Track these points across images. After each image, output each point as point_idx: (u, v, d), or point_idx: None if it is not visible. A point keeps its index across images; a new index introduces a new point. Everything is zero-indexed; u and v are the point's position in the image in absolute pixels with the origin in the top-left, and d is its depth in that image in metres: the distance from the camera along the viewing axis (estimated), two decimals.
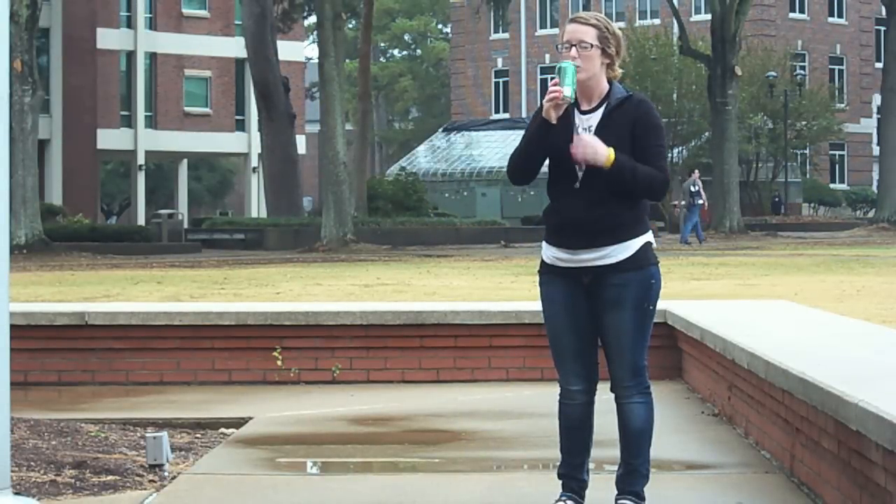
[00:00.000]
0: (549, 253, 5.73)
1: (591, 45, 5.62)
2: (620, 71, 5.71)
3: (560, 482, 5.84)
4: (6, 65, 5.71)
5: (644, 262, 5.64)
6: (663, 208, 52.73)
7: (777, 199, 58.08)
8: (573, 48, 5.62)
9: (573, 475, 5.81)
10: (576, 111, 5.69)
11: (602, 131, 5.62)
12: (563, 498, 5.79)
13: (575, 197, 5.62)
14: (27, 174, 38.75)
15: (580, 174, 5.62)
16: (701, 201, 42.96)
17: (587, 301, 5.67)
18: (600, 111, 5.66)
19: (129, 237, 43.97)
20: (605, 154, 5.53)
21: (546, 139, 5.64)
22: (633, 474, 5.74)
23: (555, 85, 5.54)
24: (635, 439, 5.72)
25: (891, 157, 55.67)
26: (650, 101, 5.74)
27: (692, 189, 43.05)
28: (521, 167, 5.72)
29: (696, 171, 45.67)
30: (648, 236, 5.69)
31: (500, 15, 67.61)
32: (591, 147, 5.55)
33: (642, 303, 5.64)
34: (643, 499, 5.74)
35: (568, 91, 5.53)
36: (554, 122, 5.59)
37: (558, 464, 5.88)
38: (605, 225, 5.59)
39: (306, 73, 73.60)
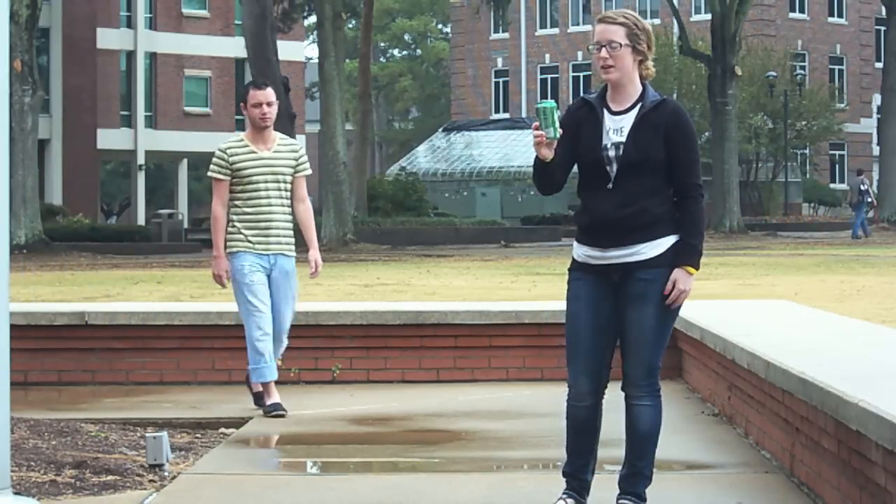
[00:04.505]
0: (580, 251, 5.73)
1: (621, 45, 5.61)
2: (654, 69, 5.70)
3: (563, 480, 5.83)
4: (6, 65, 5.71)
5: (672, 261, 5.65)
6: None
7: None
8: (603, 49, 5.61)
9: (576, 475, 5.81)
10: (606, 113, 5.68)
11: (635, 133, 5.61)
12: (564, 496, 5.78)
13: (606, 197, 5.63)
14: (27, 174, 38.75)
15: (612, 175, 5.63)
16: (870, 199, 46.42)
17: (613, 301, 5.66)
18: (633, 113, 5.65)
19: (129, 237, 43.97)
20: (692, 278, 5.61)
21: (551, 170, 5.66)
22: (636, 476, 5.74)
23: (536, 129, 5.56)
24: (642, 442, 5.72)
25: (891, 157, 55.68)
26: (683, 108, 5.74)
27: (861, 188, 45.84)
28: (542, 184, 5.75)
29: (864, 173, 48.93)
30: (678, 236, 5.69)
31: (500, 15, 67.51)
32: (686, 290, 5.60)
33: (666, 301, 5.64)
34: (644, 500, 5.75)
35: (550, 132, 5.55)
36: (549, 160, 5.60)
37: (563, 462, 5.87)
38: (637, 223, 5.59)
39: (306, 73, 73.57)
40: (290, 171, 8.94)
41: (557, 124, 5.56)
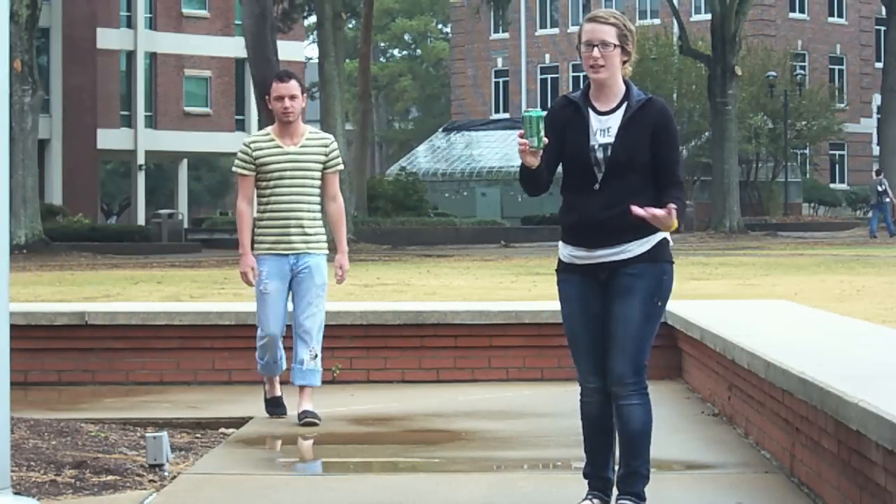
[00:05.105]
0: (566, 252, 5.74)
1: (614, 46, 5.62)
2: (630, 68, 5.71)
3: (586, 482, 5.86)
4: (6, 65, 5.71)
5: (659, 257, 5.66)
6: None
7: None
8: (594, 49, 5.61)
9: (598, 474, 5.83)
10: (592, 113, 5.68)
11: (623, 133, 5.62)
12: (590, 497, 5.80)
13: (593, 198, 5.63)
14: (27, 174, 38.76)
15: (600, 176, 5.63)
16: (888, 199, 46.26)
17: (602, 298, 5.68)
18: (620, 112, 5.65)
19: (129, 237, 43.98)
20: (674, 218, 5.59)
21: (537, 175, 5.64)
22: (633, 475, 5.74)
23: (521, 136, 5.54)
24: (634, 441, 5.72)
25: (891, 157, 55.71)
26: (668, 107, 5.74)
27: (879, 188, 46.14)
28: (529, 187, 5.74)
29: (881, 172, 49.01)
30: (665, 233, 5.70)
31: (500, 15, 67.48)
32: (672, 219, 5.57)
33: (652, 296, 5.64)
34: (644, 499, 5.75)
35: (534, 142, 5.53)
36: (535, 167, 5.59)
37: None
38: (624, 223, 5.60)
39: (306, 73, 73.57)
40: (318, 166, 8.52)
41: (542, 133, 5.54)
